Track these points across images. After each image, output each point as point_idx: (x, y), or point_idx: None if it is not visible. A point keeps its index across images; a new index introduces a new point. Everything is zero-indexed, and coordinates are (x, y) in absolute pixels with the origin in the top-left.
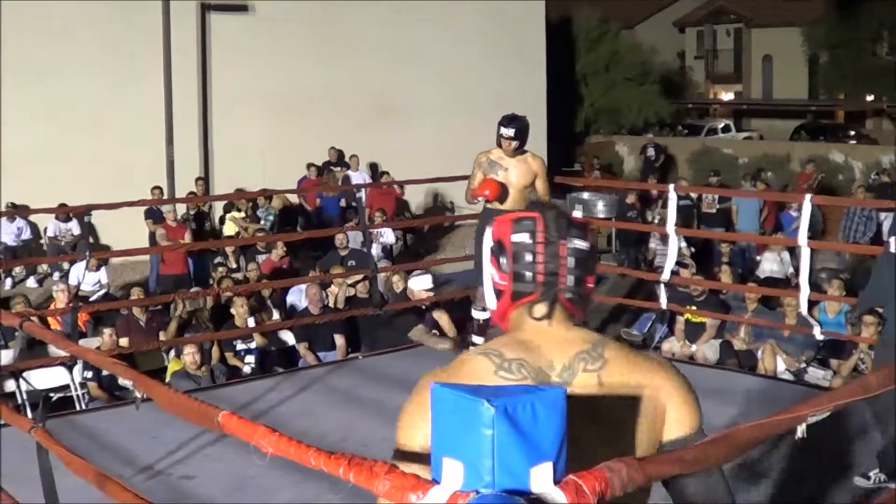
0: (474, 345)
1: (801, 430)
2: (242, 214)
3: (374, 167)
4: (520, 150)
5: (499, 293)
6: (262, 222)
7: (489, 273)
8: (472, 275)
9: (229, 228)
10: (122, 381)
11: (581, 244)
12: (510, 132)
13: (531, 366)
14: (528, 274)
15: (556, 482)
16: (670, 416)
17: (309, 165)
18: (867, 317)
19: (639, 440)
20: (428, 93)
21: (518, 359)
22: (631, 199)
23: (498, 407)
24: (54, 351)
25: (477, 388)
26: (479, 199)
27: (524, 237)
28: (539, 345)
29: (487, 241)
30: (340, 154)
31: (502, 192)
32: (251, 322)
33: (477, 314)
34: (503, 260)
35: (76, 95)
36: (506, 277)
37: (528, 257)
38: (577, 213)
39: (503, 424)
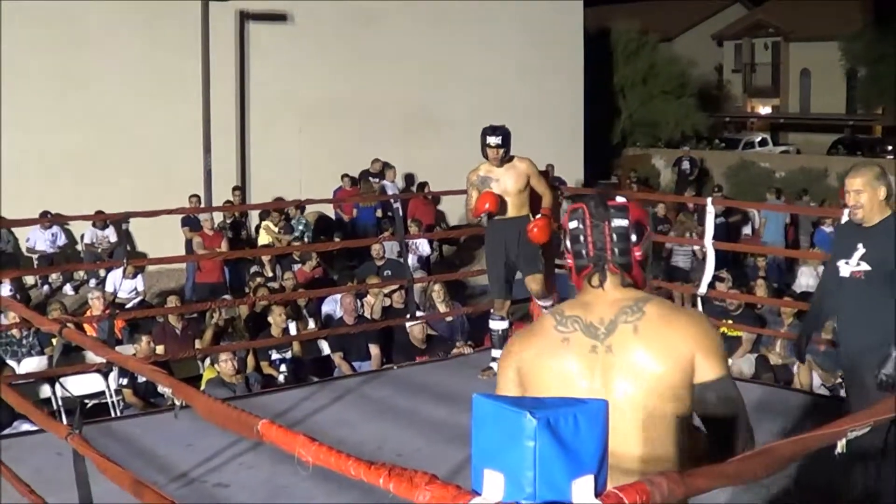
0: (493, 359)
1: (840, 446)
2: (276, 229)
3: (409, 178)
4: (506, 158)
5: (570, 270)
6: (295, 232)
7: (565, 255)
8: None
9: (263, 238)
10: (159, 389)
11: (621, 222)
12: (497, 140)
13: (583, 321)
14: (583, 251)
15: (597, 495)
16: (698, 363)
17: (343, 176)
18: None
19: (669, 378)
20: (465, 104)
21: (574, 315)
22: (661, 212)
23: (540, 419)
24: (91, 357)
25: (519, 399)
26: (483, 215)
27: (576, 223)
28: (594, 304)
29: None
30: (385, 166)
31: (501, 203)
32: (292, 330)
33: (495, 325)
34: (567, 243)
35: (114, 104)
36: (570, 257)
37: (581, 238)
38: (620, 199)
39: (545, 436)
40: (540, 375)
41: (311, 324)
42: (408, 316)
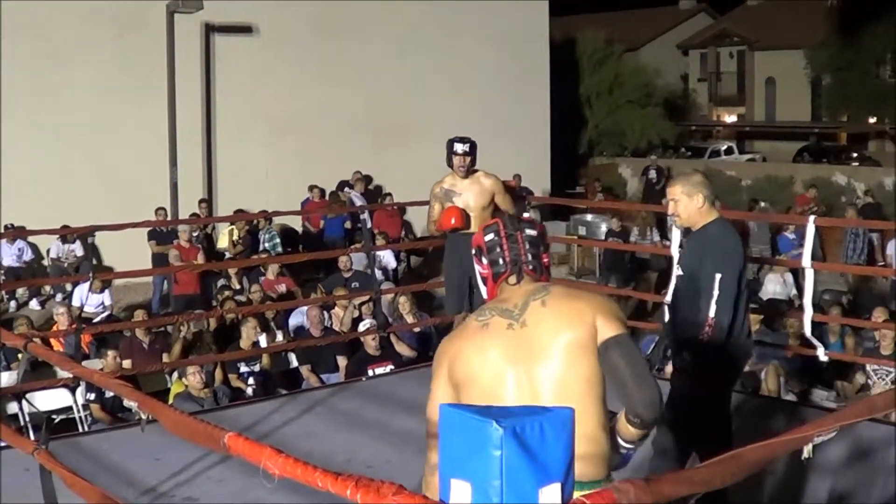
0: None
1: (807, 451)
2: (235, 236)
3: (377, 189)
4: (472, 171)
5: (485, 280)
6: (266, 244)
7: (477, 271)
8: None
9: (222, 242)
10: (126, 403)
11: (532, 232)
12: (464, 147)
13: (499, 308)
14: (501, 260)
15: (564, 503)
16: (599, 325)
17: (312, 187)
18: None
19: (577, 338)
20: (432, 114)
21: (490, 307)
22: (615, 224)
23: (507, 428)
24: (59, 372)
25: (486, 409)
26: (447, 229)
27: (492, 236)
28: (510, 298)
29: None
30: (363, 179)
31: (466, 217)
32: (262, 342)
33: None
34: (483, 257)
35: (80, 116)
36: (487, 267)
37: (498, 249)
38: (527, 215)
39: (512, 445)
40: (467, 362)
41: (280, 336)
42: (367, 326)
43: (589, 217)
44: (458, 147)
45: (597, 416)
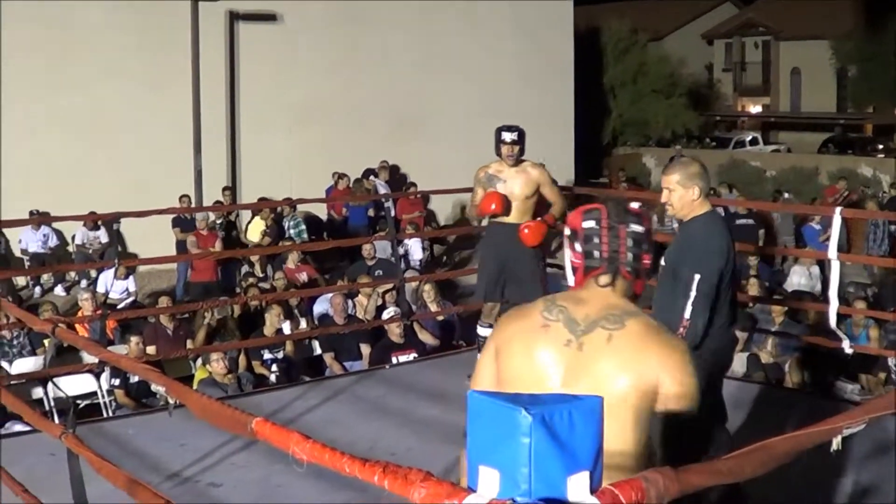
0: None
1: (836, 443)
2: (264, 226)
3: (402, 178)
4: (519, 160)
5: (574, 269)
6: (291, 232)
7: (567, 255)
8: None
9: (254, 232)
10: (153, 388)
11: (637, 228)
12: (512, 136)
13: (568, 313)
14: (596, 253)
15: (593, 491)
16: (661, 392)
17: (342, 175)
18: None
19: (627, 395)
20: (455, 103)
21: (563, 306)
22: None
23: (535, 415)
24: (85, 358)
25: (515, 396)
26: (487, 215)
27: (592, 224)
28: (587, 302)
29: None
30: (391, 168)
31: (507, 204)
32: (286, 329)
33: (482, 331)
34: (577, 244)
35: (104, 105)
36: (579, 256)
37: (596, 239)
38: (635, 205)
39: (541, 433)
40: (511, 354)
41: (303, 323)
42: (391, 314)
43: None
44: (507, 136)
45: (631, 470)
